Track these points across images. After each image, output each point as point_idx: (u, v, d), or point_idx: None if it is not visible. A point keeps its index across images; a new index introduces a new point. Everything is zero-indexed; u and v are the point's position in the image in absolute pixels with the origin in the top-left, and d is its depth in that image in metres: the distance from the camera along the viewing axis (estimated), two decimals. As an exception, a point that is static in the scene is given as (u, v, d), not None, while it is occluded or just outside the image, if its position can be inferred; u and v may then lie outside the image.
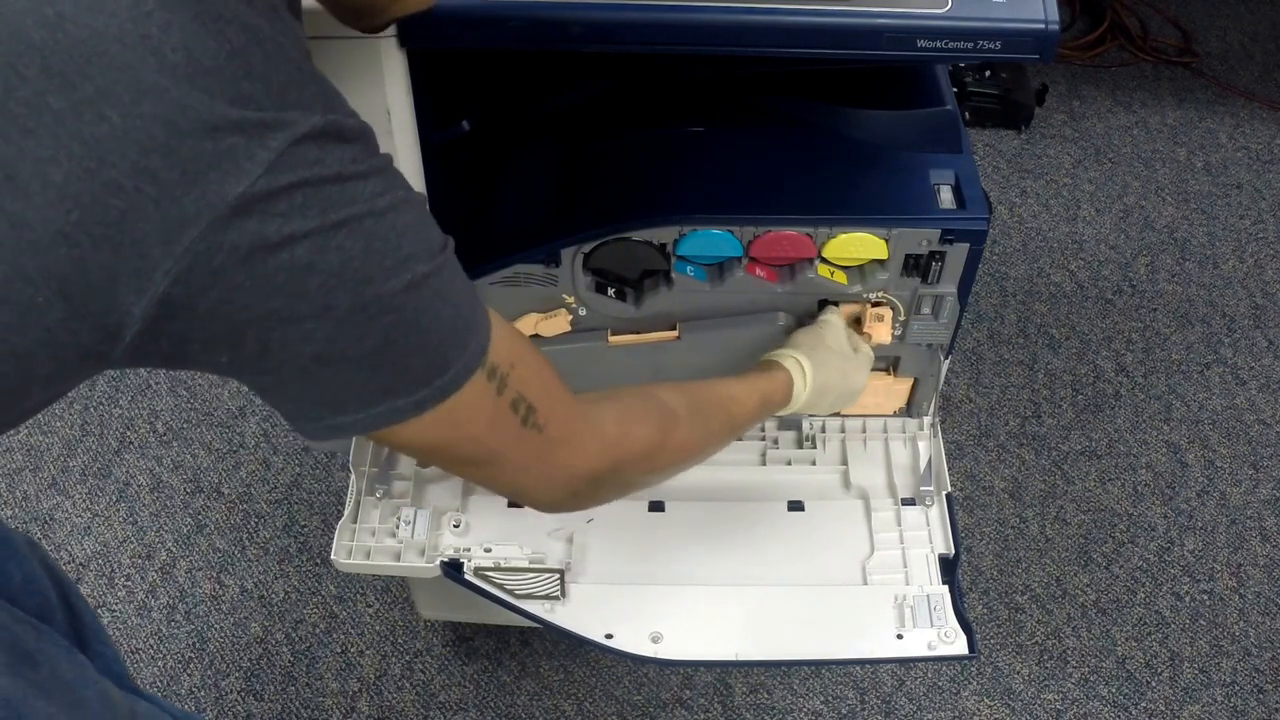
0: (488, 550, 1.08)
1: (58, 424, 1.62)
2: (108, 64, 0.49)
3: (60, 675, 0.78)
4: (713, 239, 1.01)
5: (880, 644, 1.05)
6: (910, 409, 1.18)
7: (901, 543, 1.12)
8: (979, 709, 1.37)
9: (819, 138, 1.07)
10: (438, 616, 1.38)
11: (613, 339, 1.09)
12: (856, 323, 1.07)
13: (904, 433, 1.19)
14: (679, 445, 0.84)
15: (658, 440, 0.81)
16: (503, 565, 1.06)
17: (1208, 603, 1.48)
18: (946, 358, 1.14)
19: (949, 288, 1.05)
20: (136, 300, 0.52)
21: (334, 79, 0.85)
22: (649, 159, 1.07)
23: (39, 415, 1.19)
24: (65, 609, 0.95)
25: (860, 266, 1.04)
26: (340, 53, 0.84)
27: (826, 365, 1.00)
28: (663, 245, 1.02)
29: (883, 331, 1.06)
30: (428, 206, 0.63)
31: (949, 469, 1.17)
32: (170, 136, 0.50)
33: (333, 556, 1.08)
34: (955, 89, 1.34)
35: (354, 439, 1.13)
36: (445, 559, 1.07)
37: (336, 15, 0.73)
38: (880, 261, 1.03)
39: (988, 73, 2.08)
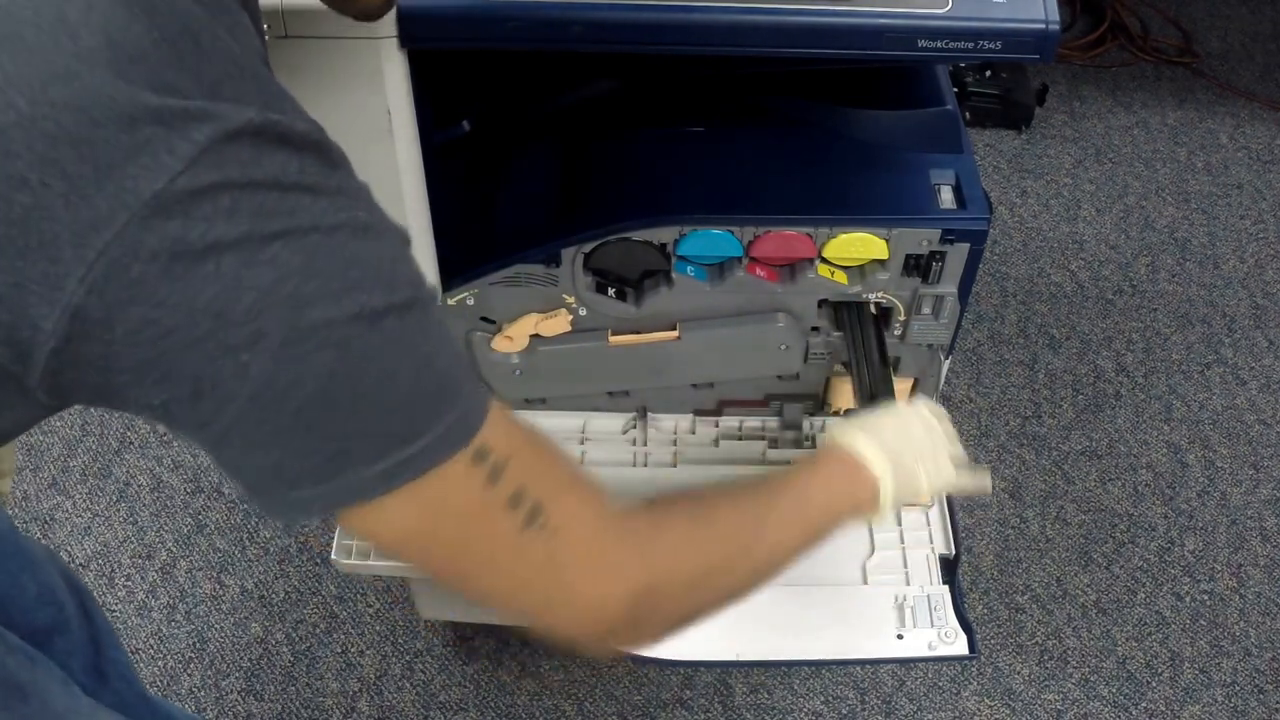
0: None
1: (58, 424, 1.62)
2: (19, 48, 0.45)
3: (50, 708, 0.77)
4: (713, 239, 1.01)
5: (880, 644, 1.05)
6: (910, 409, 1.18)
7: (902, 543, 1.12)
8: (979, 709, 1.37)
9: (819, 138, 1.07)
10: (438, 616, 1.38)
11: (613, 339, 1.09)
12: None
13: (904, 433, 1.19)
14: (727, 535, 0.69)
15: (701, 533, 0.67)
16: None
17: (1208, 603, 1.47)
18: (947, 358, 1.14)
19: (949, 288, 1.05)
20: (48, 312, 0.46)
21: (334, 79, 0.85)
22: (649, 159, 1.07)
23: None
24: (83, 617, 0.96)
25: (860, 266, 1.04)
26: (340, 53, 0.84)
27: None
28: (663, 245, 1.02)
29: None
30: (409, 248, 0.55)
31: (949, 469, 1.17)
32: (81, 126, 0.45)
33: (333, 556, 1.08)
34: (955, 89, 1.34)
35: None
36: (445, 559, 1.07)
37: (325, 2, 0.69)
38: (880, 261, 1.03)
39: (988, 73, 2.08)
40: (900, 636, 1.05)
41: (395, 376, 0.52)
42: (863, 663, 1.35)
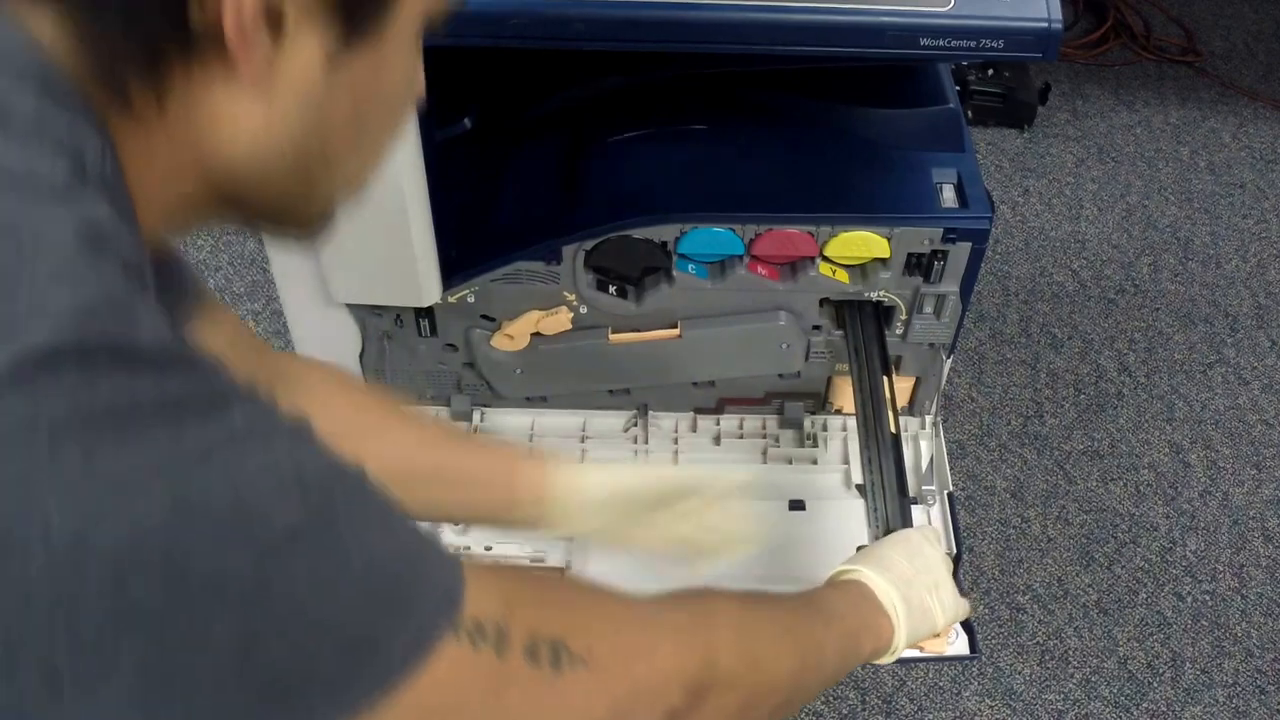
0: (488, 548, 1.08)
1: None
2: None
3: None
4: (714, 237, 1.01)
5: (881, 644, 1.04)
6: (912, 408, 1.18)
7: (903, 542, 1.11)
8: (980, 709, 1.37)
9: (821, 136, 1.07)
10: (438, 615, 1.37)
11: (614, 337, 1.09)
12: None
13: (906, 432, 1.19)
14: (770, 627, 0.66)
15: (743, 615, 0.63)
16: (503, 563, 1.06)
17: (1210, 603, 1.47)
18: (949, 357, 1.13)
19: (951, 287, 1.05)
20: None
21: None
22: (650, 156, 1.07)
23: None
24: None
25: (862, 265, 1.04)
26: (341, 49, 0.84)
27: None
28: (664, 243, 1.02)
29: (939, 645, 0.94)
30: (310, 431, 0.44)
31: (951, 468, 1.17)
32: None
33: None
34: (958, 87, 1.34)
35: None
36: (445, 557, 1.07)
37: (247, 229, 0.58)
38: (882, 260, 1.03)
39: (990, 71, 2.07)
40: (901, 636, 1.04)
41: (336, 589, 0.42)
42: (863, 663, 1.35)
